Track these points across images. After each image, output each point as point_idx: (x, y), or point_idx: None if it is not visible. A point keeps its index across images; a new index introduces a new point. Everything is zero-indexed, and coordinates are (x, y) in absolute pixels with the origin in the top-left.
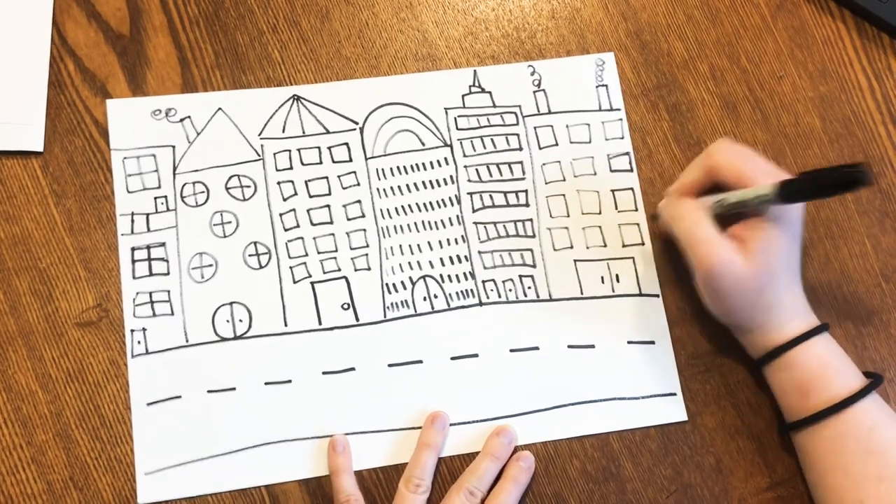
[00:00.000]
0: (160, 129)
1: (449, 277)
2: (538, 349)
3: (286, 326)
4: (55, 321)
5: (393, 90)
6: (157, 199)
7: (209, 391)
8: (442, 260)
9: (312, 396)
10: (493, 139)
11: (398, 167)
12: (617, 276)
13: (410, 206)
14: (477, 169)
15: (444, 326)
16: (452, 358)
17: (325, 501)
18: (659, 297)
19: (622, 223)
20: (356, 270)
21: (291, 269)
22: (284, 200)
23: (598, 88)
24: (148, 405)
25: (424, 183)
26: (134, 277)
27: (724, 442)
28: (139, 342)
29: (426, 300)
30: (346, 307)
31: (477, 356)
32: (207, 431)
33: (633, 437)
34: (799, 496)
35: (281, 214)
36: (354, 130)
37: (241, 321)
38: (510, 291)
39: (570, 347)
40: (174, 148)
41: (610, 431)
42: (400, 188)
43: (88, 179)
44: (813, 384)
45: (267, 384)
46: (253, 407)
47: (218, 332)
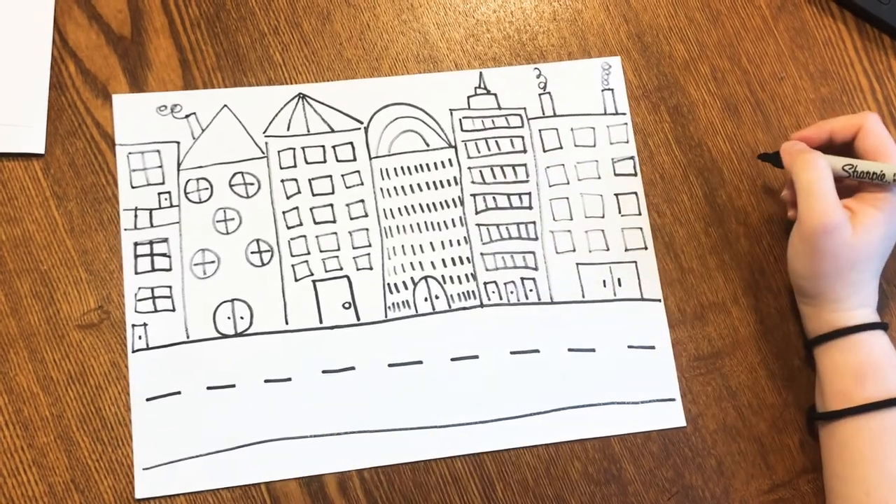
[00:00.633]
0: (165, 125)
1: (451, 278)
2: (538, 352)
3: (287, 324)
4: (56, 323)
5: (398, 90)
6: (160, 194)
7: (209, 388)
8: (444, 261)
9: (312, 395)
10: (497, 141)
11: (402, 167)
12: (619, 280)
13: (413, 206)
14: (481, 171)
15: (444, 327)
16: (453, 359)
17: (325, 502)
18: (660, 301)
19: (625, 227)
20: (358, 270)
21: (293, 267)
22: (288, 198)
23: (603, 92)
24: (147, 401)
25: (428, 184)
26: (136, 273)
27: (725, 444)
28: (140, 337)
29: (427, 301)
30: (347, 306)
31: (477, 358)
32: (206, 428)
33: (634, 439)
34: (800, 498)
35: (284, 212)
36: (359, 130)
37: (242, 318)
38: (511, 293)
39: (570, 351)
40: (179, 144)
41: (609, 435)
42: (403, 188)
43: (90, 181)
44: (872, 373)
45: (267, 382)
46: (252, 404)
47: (219, 328)
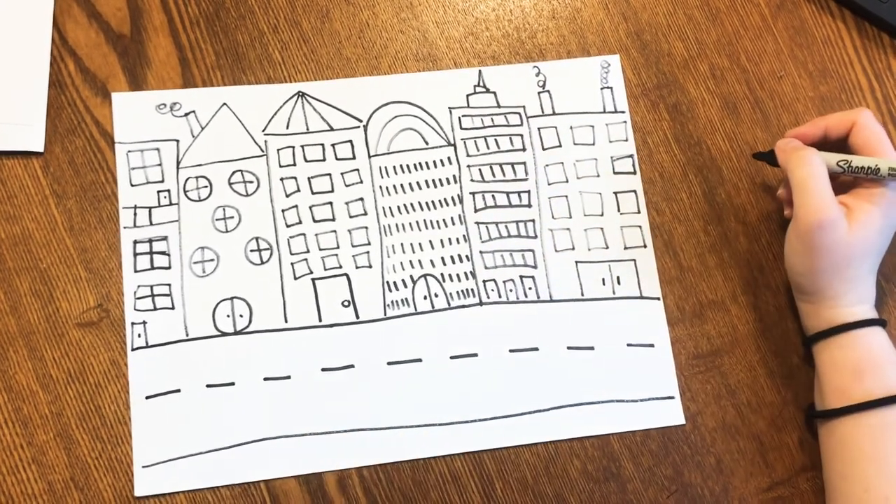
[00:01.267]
0: (164, 123)
1: (450, 276)
2: (538, 350)
3: (286, 322)
4: (56, 322)
5: (397, 89)
6: (160, 192)
7: (208, 385)
8: (443, 259)
9: (311, 393)
10: (496, 139)
11: (401, 165)
12: (618, 278)
13: (413, 204)
14: (480, 169)
15: (443, 325)
16: (452, 357)
17: (325, 501)
18: (660, 299)
19: (624, 225)
20: (357, 268)
21: (293, 265)
22: (287, 196)
23: (602, 90)
24: (147, 398)
25: (427, 182)
26: (135, 271)
27: (724, 442)
28: (139, 335)
29: (426, 299)
30: (346, 304)
31: (476, 356)
32: (206, 426)
33: (633, 437)
34: (799, 496)
35: (283, 210)
36: (358, 128)
37: (241, 316)
38: (511, 292)
39: (569, 349)
40: (178, 142)
41: (608, 433)
42: (402, 187)
43: (89, 179)
44: (871, 369)
45: (266, 380)
46: (252, 402)
47: (218, 326)
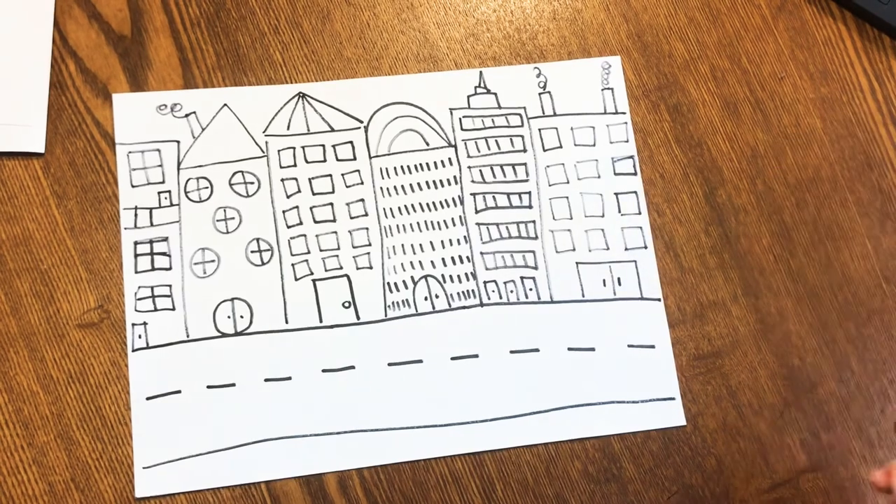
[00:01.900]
0: (165, 124)
1: (450, 278)
2: (538, 351)
3: (287, 323)
4: (56, 322)
5: (398, 90)
6: (160, 193)
7: (209, 386)
8: (444, 260)
9: (312, 394)
10: (497, 140)
11: (402, 167)
12: (619, 279)
13: (413, 205)
14: (481, 170)
15: (444, 326)
16: (452, 358)
17: (326, 502)
18: (660, 300)
19: (625, 226)
20: (358, 269)
21: (293, 266)
22: (288, 197)
23: (603, 91)
24: (147, 399)
25: (428, 183)
26: (136, 272)
27: (725, 443)
28: (140, 336)
29: (427, 300)
30: (347, 305)
31: (477, 357)
32: (206, 427)
33: (634, 438)
34: (800, 497)
35: (284, 211)
36: (359, 129)
37: (242, 317)
38: (511, 293)
39: (570, 350)
40: (179, 143)
41: (609, 435)
42: (403, 188)
43: (90, 180)
44: None
45: (267, 381)
46: (252, 403)
47: (219, 327)
